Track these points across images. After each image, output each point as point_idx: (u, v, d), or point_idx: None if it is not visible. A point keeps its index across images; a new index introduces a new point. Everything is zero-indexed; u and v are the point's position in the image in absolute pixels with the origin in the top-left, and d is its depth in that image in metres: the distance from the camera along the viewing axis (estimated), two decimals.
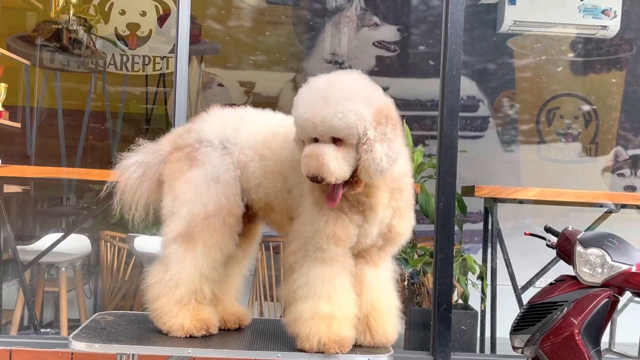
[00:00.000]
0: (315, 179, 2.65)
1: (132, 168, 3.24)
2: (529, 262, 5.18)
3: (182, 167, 3.08)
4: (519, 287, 4.94)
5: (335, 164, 2.65)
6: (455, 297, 4.86)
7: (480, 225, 6.47)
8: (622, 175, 7.23)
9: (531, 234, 3.92)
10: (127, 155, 3.27)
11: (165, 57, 7.12)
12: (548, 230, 3.83)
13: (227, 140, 3.07)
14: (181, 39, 4.30)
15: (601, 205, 5.30)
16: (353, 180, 2.72)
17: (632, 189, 7.18)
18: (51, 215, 6.82)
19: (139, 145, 3.29)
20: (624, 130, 7.35)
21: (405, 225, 2.98)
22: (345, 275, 2.89)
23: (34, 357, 4.35)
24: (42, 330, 5.30)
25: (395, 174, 2.87)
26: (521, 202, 5.30)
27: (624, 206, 5.23)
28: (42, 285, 5.59)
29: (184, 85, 4.31)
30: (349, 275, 2.92)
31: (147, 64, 7.11)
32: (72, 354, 4.34)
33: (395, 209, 2.91)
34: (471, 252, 6.38)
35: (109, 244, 5.78)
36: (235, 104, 6.93)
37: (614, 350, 5.22)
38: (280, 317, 5.61)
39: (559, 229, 3.76)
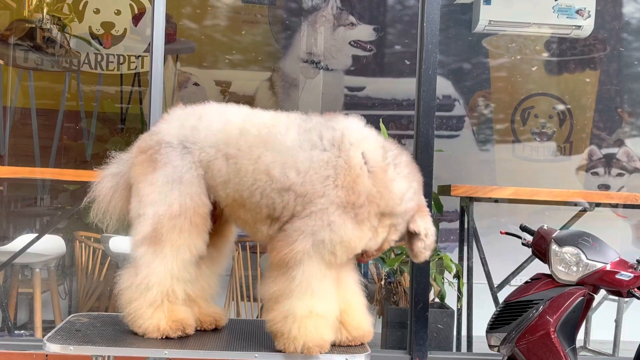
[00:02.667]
0: None
1: (107, 179, 3.25)
2: (504, 260, 5.21)
3: (145, 169, 3.07)
4: (495, 286, 4.96)
5: None
6: (431, 296, 4.87)
7: (456, 224, 6.50)
8: (596, 174, 7.28)
9: (507, 233, 3.95)
10: (103, 167, 3.28)
11: (140, 56, 7.07)
12: (523, 229, 3.86)
13: (186, 139, 3.06)
14: (156, 38, 4.27)
15: (576, 204, 5.33)
16: None
17: (606, 187, 7.23)
18: (24, 215, 6.75)
19: (112, 157, 3.29)
20: (597, 129, 7.41)
21: None
22: (335, 278, 2.94)
23: (8, 359, 4.30)
24: (16, 332, 5.23)
25: None
26: (496, 201, 5.32)
27: (598, 205, 5.26)
28: (15, 287, 5.53)
29: (159, 85, 4.29)
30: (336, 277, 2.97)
31: (122, 63, 7.06)
32: (46, 356, 4.29)
33: None
34: (447, 251, 6.40)
35: (83, 244, 5.73)
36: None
37: (589, 347, 5.25)
38: (258, 317, 5.60)
39: (534, 228, 3.79)
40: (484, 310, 4.67)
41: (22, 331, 5.32)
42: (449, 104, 7.32)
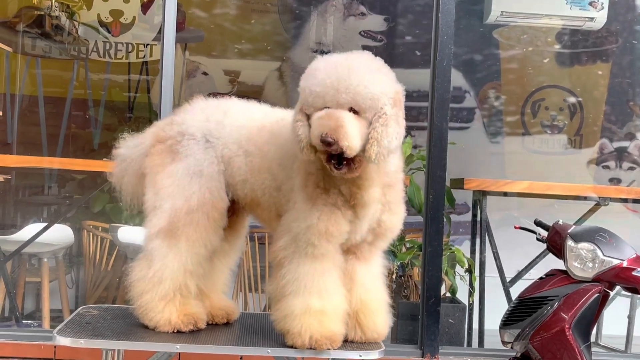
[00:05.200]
0: (328, 143, 2.54)
1: (117, 162, 3.23)
2: (514, 253, 5.17)
3: (164, 160, 3.02)
4: (507, 281, 4.92)
5: (353, 130, 2.57)
6: (442, 290, 4.83)
7: (465, 217, 6.46)
8: (607, 167, 7.23)
9: (521, 228, 3.90)
10: (115, 148, 3.24)
11: (149, 44, 7.02)
12: (538, 224, 3.81)
13: (210, 134, 3.01)
14: (167, 26, 4.22)
15: (585, 198, 5.29)
16: (354, 159, 2.64)
17: (617, 181, 7.19)
18: (32, 204, 6.72)
19: (123, 137, 3.24)
20: (608, 122, 7.35)
21: (395, 219, 2.93)
22: (335, 270, 2.85)
23: (16, 350, 4.27)
24: (24, 321, 5.21)
25: (388, 170, 2.83)
26: (505, 194, 5.27)
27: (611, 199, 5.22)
28: (23, 276, 5.51)
29: (170, 73, 4.25)
30: (339, 271, 2.87)
31: (130, 52, 7.01)
32: (55, 347, 4.26)
33: (385, 204, 2.87)
34: (456, 243, 6.36)
35: (91, 234, 5.70)
36: (219, 93, 6.84)
37: (601, 343, 5.21)
38: (265, 310, 5.57)
39: (544, 221, 3.74)
40: (495, 305, 4.64)
41: (31, 322, 5.30)
42: (460, 96, 7.27)
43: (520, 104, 7.37)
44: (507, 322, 3.60)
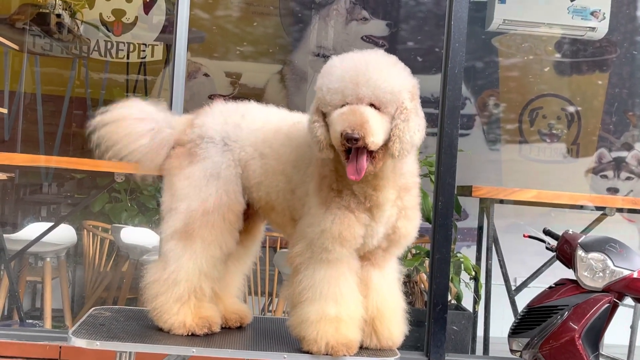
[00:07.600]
0: (352, 139, 2.51)
1: (138, 113, 3.05)
2: (512, 260, 5.18)
3: (181, 162, 3.01)
4: (512, 289, 4.93)
5: (378, 125, 2.55)
6: (448, 297, 4.83)
7: (462, 224, 6.46)
8: (605, 177, 7.26)
9: (530, 237, 3.90)
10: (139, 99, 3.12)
11: (149, 44, 7.00)
12: (547, 233, 3.81)
13: (228, 136, 3.00)
14: (180, 27, 4.21)
15: (582, 207, 5.30)
16: (375, 154, 2.62)
17: (614, 190, 7.22)
18: (32, 203, 6.68)
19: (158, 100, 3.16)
20: (606, 132, 7.38)
21: (411, 226, 2.90)
22: (351, 276, 2.83)
23: (21, 350, 4.23)
24: (27, 321, 5.17)
25: (404, 171, 2.81)
26: (502, 201, 5.27)
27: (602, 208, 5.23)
28: (24, 276, 5.47)
29: (182, 73, 4.24)
30: (355, 277, 2.85)
31: (132, 51, 6.99)
32: (60, 347, 4.23)
33: (401, 209, 2.84)
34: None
35: (91, 233, 5.67)
36: (221, 95, 6.80)
37: (603, 353, 5.22)
38: (267, 311, 5.55)
39: (540, 230, 3.75)
40: (500, 312, 4.64)
41: (36, 322, 5.25)
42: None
43: (519, 112, 7.39)
44: (516, 330, 3.59)
